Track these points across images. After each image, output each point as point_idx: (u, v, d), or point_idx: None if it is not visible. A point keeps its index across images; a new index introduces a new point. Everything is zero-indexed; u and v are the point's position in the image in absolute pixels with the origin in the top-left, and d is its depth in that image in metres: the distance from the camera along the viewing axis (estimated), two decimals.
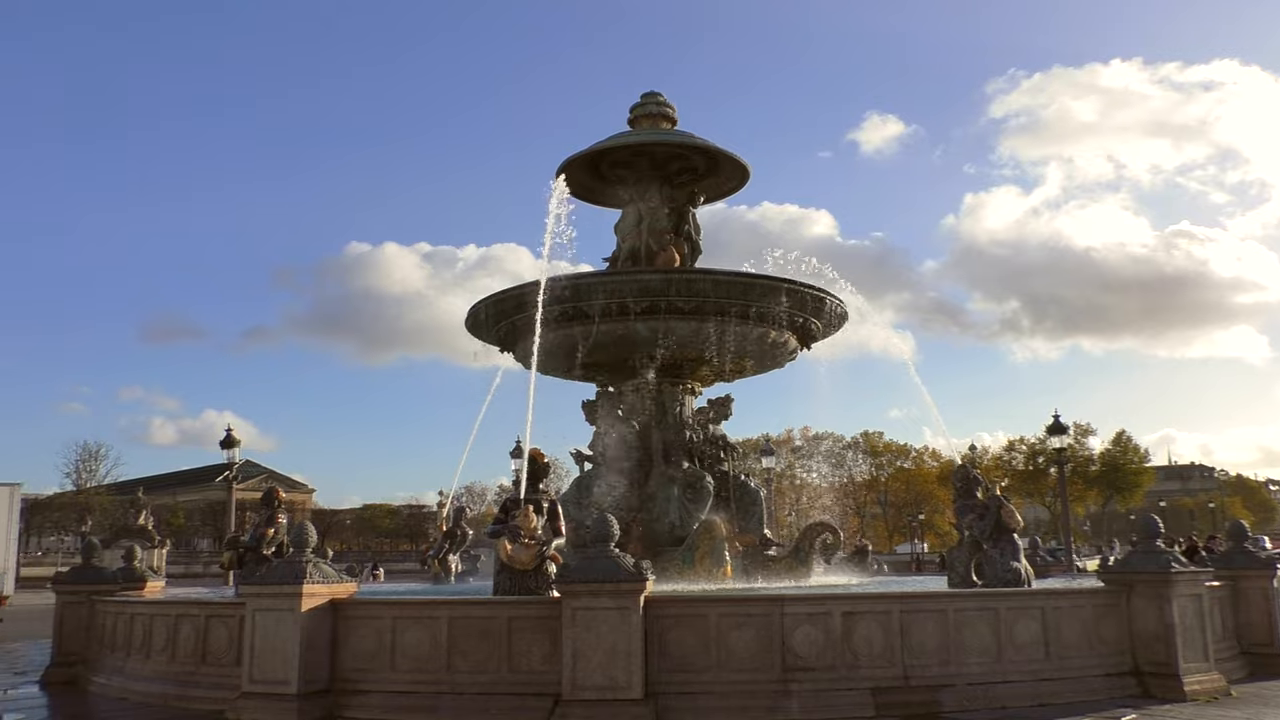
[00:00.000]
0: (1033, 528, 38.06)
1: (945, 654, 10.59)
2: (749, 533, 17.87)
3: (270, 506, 14.58)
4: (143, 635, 12.72)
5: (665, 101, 20.41)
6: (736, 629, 10.28)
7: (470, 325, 19.11)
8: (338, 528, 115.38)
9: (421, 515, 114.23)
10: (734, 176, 20.45)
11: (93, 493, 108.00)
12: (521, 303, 17.15)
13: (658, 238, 19.22)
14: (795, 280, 17.63)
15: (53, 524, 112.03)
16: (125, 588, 14.56)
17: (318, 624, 10.58)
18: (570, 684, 9.74)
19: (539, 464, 12.96)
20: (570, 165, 18.85)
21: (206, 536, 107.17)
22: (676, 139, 19.40)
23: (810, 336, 18.85)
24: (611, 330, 17.08)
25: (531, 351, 15.40)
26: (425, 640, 10.59)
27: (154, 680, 12.23)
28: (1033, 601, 11.46)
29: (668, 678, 10.05)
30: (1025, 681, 10.73)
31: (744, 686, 10.13)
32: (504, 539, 11.92)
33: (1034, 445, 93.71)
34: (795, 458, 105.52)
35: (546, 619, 10.28)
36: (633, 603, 9.86)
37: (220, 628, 11.71)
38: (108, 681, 13.09)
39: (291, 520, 13.90)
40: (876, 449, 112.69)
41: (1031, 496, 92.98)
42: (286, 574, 10.65)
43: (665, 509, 17.33)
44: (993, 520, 13.26)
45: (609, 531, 10.37)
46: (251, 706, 10.33)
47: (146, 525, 42.40)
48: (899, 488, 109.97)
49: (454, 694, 10.30)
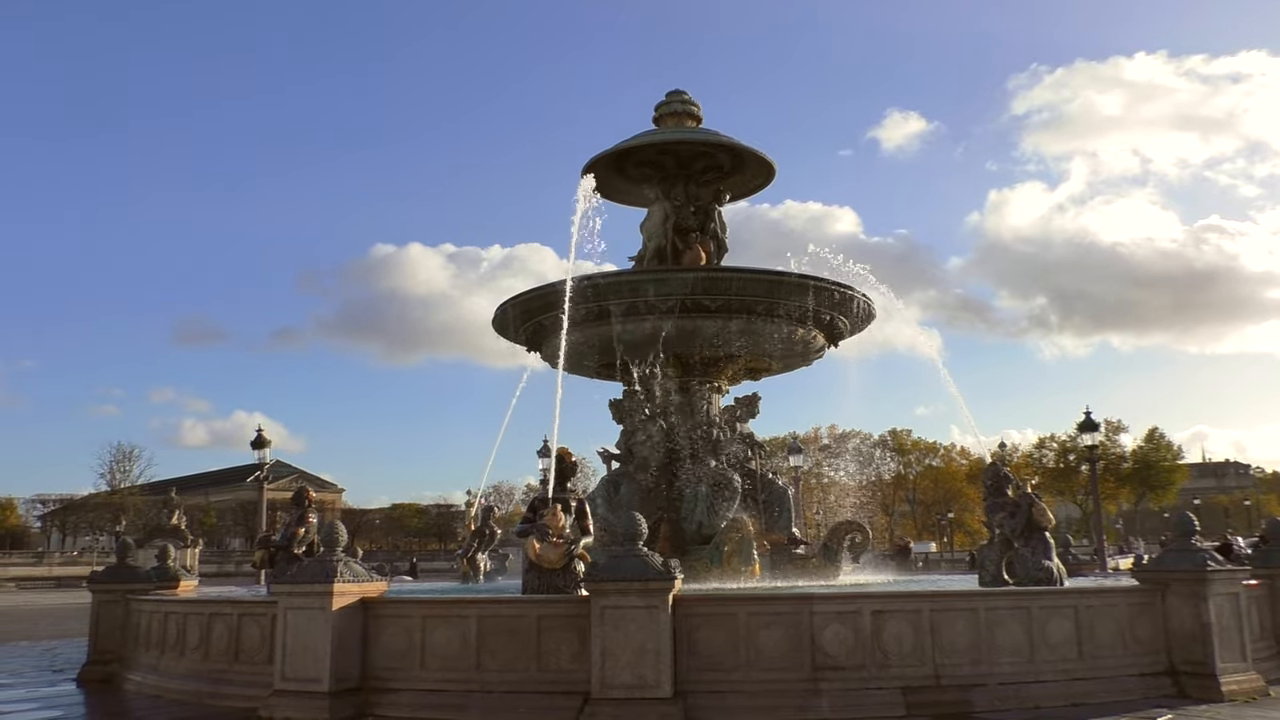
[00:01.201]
0: (1064, 526, 37.63)
1: (977, 653, 10.49)
2: (777, 531, 17.80)
3: (301, 506, 14.71)
4: (177, 633, 12.87)
5: (690, 100, 20.37)
6: (765, 628, 10.24)
7: (497, 325, 19.18)
8: (367, 527, 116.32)
9: (450, 514, 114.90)
10: (759, 174, 20.38)
11: (126, 493, 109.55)
12: (548, 302, 17.19)
13: (683, 236, 19.20)
14: (822, 277, 17.54)
15: (88, 524, 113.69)
16: (159, 587, 14.74)
17: (348, 622, 10.65)
18: (599, 682, 9.74)
19: (567, 463, 12.99)
20: (595, 164, 18.86)
21: (238, 536, 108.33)
22: (701, 137, 19.36)
23: (837, 334, 18.75)
24: (638, 329, 17.08)
25: (558, 351, 15.43)
26: (455, 639, 10.63)
27: (188, 678, 12.37)
28: (1065, 600, 11.33)
29: (697, 677, 10.03)
30: (1058, 681, 10.61)
31: (773, 685, 10.09)
32: (532, 538, 11.95)
33: (1065, 442, 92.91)
34: (823, 456, 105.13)
35: (575, 618, 10.29)
36: (661, 601, 9.85)
37: (253, 626, 11.82)
38: (143, 679, 13.26)
39: (322, 520, 14.02)
40: (904, 447, 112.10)
41: (1062, 494, 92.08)
42: (317, 573, 10.73)
43: (693, 508, 17.30)
44: (1024, 518, 13.15)
45: (637, 530, 10.37)
46: (284, 704, 10.42)
47: (179, 525, 42.99)
48: (928, 486, 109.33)
49: (483, 692, 10.34)
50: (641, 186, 19.94)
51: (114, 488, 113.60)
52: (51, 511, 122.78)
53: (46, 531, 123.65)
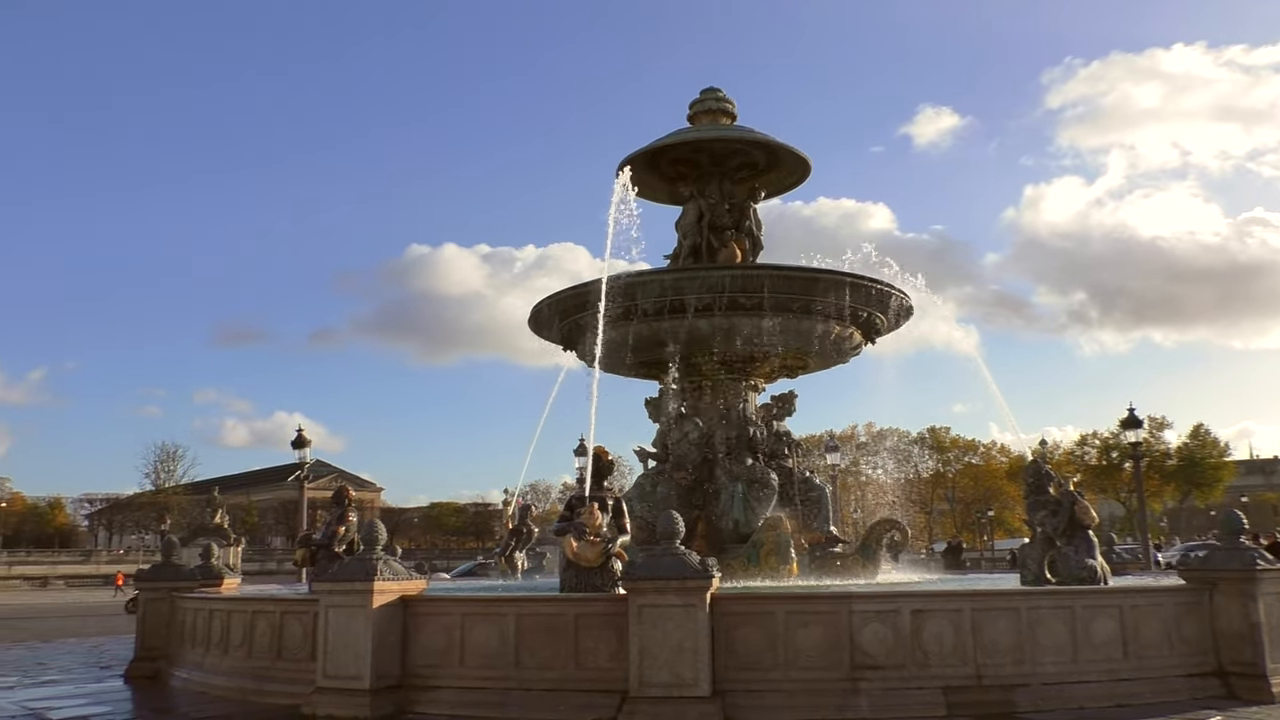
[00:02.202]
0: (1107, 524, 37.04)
1: (1019, 653, 10.36)
2: (814, 530, 17.70)
3: (341, 505, 14.85)
4: (221, 631, 13.06)
5: (725, 97, 20.30)
6: (804, 627, 10.19)
7: (533, 324, 19.24)
8: (406, 526, 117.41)
9: (487, 513, 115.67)
10: (795, 171, 20.28)
11: (170, 492, 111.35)
12: (584, 301, 17.22)
13: (719, 234, 19.16)
14: (858, 274, 17.43)
15: (134, 523, 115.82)
16: (203, 584, 14.98)
17: (389, 620, 10.75)
18: (637, 681, 9.75)
19: (603, 461, 13.00)
20: (630, 163, 18.85)
21: (280, 534, 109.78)
22: (736, 134, 19.30)
23: (874, 331, 18.60)
24: (673, 327, 17.06)
25: (594, 349, 15.45)
26: (493, 637, 10.69)
27: (232, 675, 12.55)
28: (1110, 600, 11.16)
29: (735, 675, 10.01)
30: (1103, 681, 10.46)
31: (812, 684, 10.04)
32: (569, 536, 11.98)
33: (1107, 440, 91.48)
34: (860, 454, 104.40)
35: (613, 616, 10.31)
36: (699, 600, 9.84)
37: (295, 624, 11.97)
38: (188, 676, 13.47)
39: (362, 519, 14.15)
40: (943, 444, 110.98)
41: (1105, 492, 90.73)
42: (358, 571, 10.84)
43: (729, 506, 17.25)
44: (1066, 516, 12.97)
45: (674, 529, 10.35)
46: (326, 701, 10.54)
47: (223, 524, 43.61)
48: (967, 484, 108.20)
49: (522, 690, 10.39)
50: (676, 185, 19.91)
51: (158, 487, 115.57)
52: (98, 510, 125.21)
53: (94, 530, 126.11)
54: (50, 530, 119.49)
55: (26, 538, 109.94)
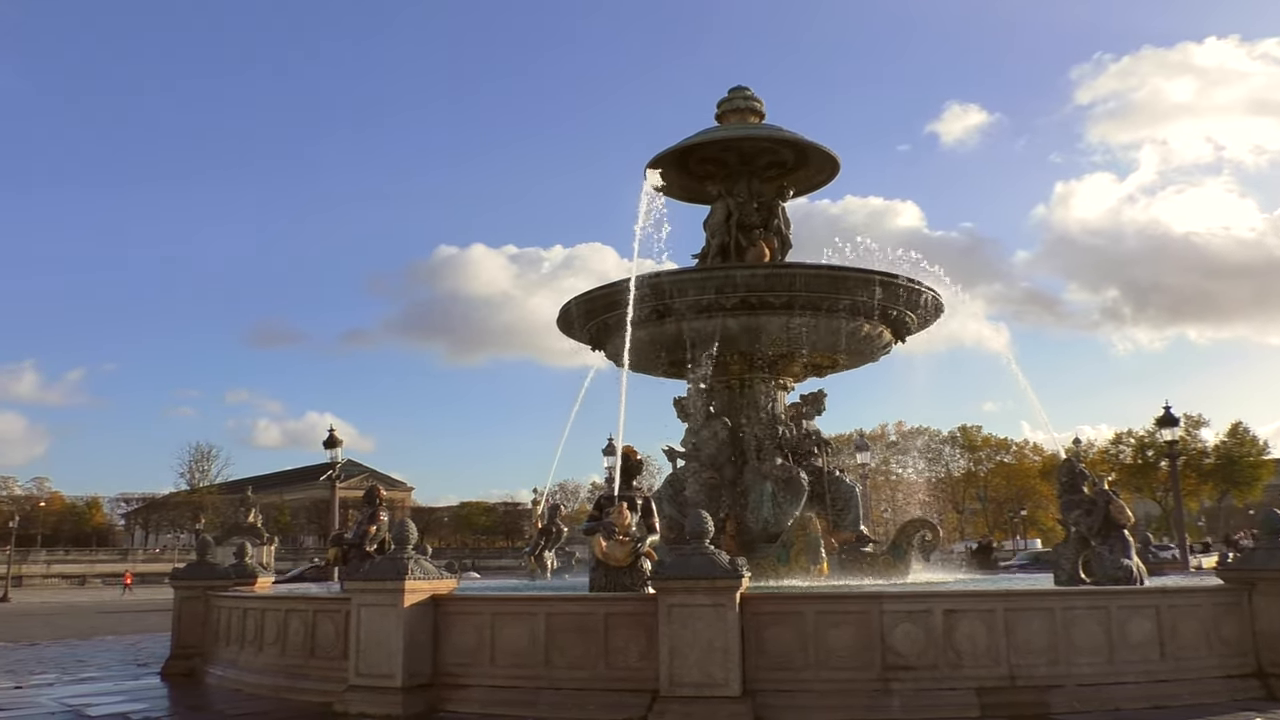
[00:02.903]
0: (1143, 524, 36.60)
1: (1054, 653, 10.24)
2: (845, 529, 17.61)
3: (372, 504, 14.98)
4: (255, 629, 13.20)
5: (753, 96, 20.24)
6: (834, 627, 10.14)
7: (562, 324, 19.28)
8: (436, 525, 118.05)
9: (517, 513, 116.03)
10: (823, 169, 20.18)
11: (205, 492, 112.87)
12: (612, 301, 17.23)
13: (747, 233, 19.11)
14: (888, 272, 17.31)
15: (169, 522, 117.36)
16: (238, 583, 15.13)
17: (420, 619, 10.81)
18: (667, 680, 9.74)
19: (632, 461, 13.01)
20: (658, 162, 18.85)
21: (312, 533, 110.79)
22: (764, 133, 19.23)
23: (904, 329, 18.48)
24: (702, 327, 17.03)
25: (623, 349, 15.45)
26: (524, 636, 10.72)
27: (265, 673, 12.68)
28: (1146, 600, 11.00)
29: (765, 675, 9.98)
30: (1140, 683, 10.31)
31: (843, 685, 9.99)
32: (599, 536, 12.00)
33: (1143, 438, 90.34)
34: (890, 453, 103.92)
35: (642, 615, 10.30)
36: (728, 599, 9.81)
37: (327, 622, 12.06)
38: (223, 674, 13.63)
39: (392, 518, 14.25)
40: (974, 443, 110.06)
41: (1141, 491, 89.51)
42: (389, 570, 10.91)
43: (759, 506, 17.21)
44: (1101, 516, 12.81)
45: (704, 528, 10.33)
46: (358, 699, 10.62)
47: (256, 523, 44.18)
48: (999, 483, 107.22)
49: (553, 689, 10.41)
50: (704, 184, 19.88)
51: (193, 486, 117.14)
52: (135, 510, 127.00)
53: (130, 529, 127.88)
54: (88, 529, 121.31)
55: (65, 537, 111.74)
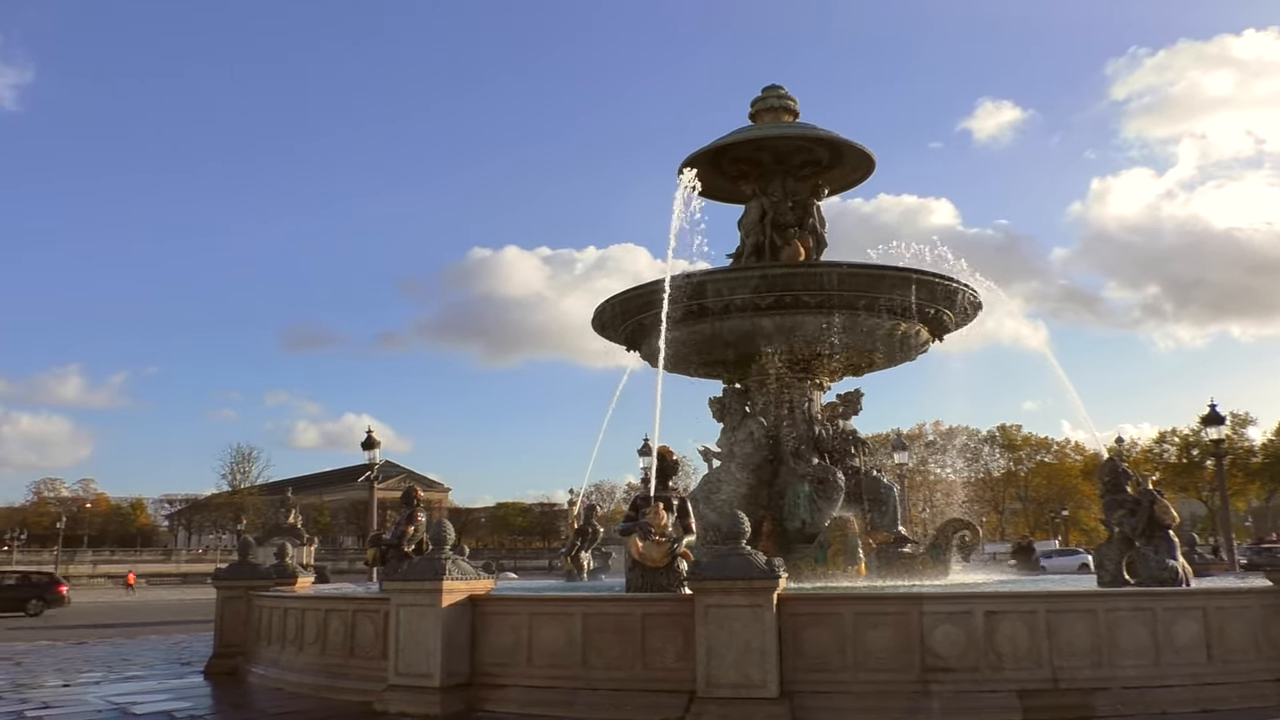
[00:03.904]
0: (1188, 524, 35.83)
1: (1097, 656, 10.08)
2: (882, 530, 17.45)
3: (410, 505, 15.09)
4: (295, 629, 13.35)
5: (786, 94, 20.12)
6: (873, 628, 10.06)
7: (596, 324, 19.29)
8: (473, 526, 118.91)
9: (553, 513, 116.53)
10: (859, 167, 20.03)
11: (246, 493, 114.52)
12: (647, 301, 17.21)
13: (782, 232, 18.99)
14: (925, 270, 17.14)
15: (211, 522, 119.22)
16: (279, 583, 15.31)
17: (457, 619, 10.87)
18: (705, 681, 9.71)
19: (668, 461, 12.99)
20: (692, 162, 18.79)
21: (351, 534, 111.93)
22: (798, 131, 19.12)
23: (942, 328, 18.29)
24: (737, 326, 16.97)
25: (658, 349, 15.43)
26: (560, 636, 10.74)
27: (306, 672, 12.82)
28: (1192, 601, 10.81)
29: (803, 677, 9.92)
30: (1186, 686, 10.13)
31: (881, 686, 9.90)
32: (635, 536, 11.99)
33: (1187, 437, 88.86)
34: (929, 453, 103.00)
35: (679, 616, 10.29)
36: (765, 600, 9.77)
37: (366, 622, 12.17)
38: (265, 673, 13.79)
39: (430, 519, 14.34)
40: (1014, 442, 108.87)
41: (1186, 491, 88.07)
42: (427, 570, 10.98)
43: (795, 506, 17.10)
44: (1145, 516, 12.60)
45: (740, 529, 10.30)
46: (397, 698, 10.71)
47: (296, 523, 44.62)
48: (1040, 483, 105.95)
49: (589, 689, 10.42)
50: (738, 183, 19.80)
51: (234, 488, 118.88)
52: (177, 511, 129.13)
53: (173, 530, 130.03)
54: (133, 530, 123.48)
55: (111, 537, 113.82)
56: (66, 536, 78.04)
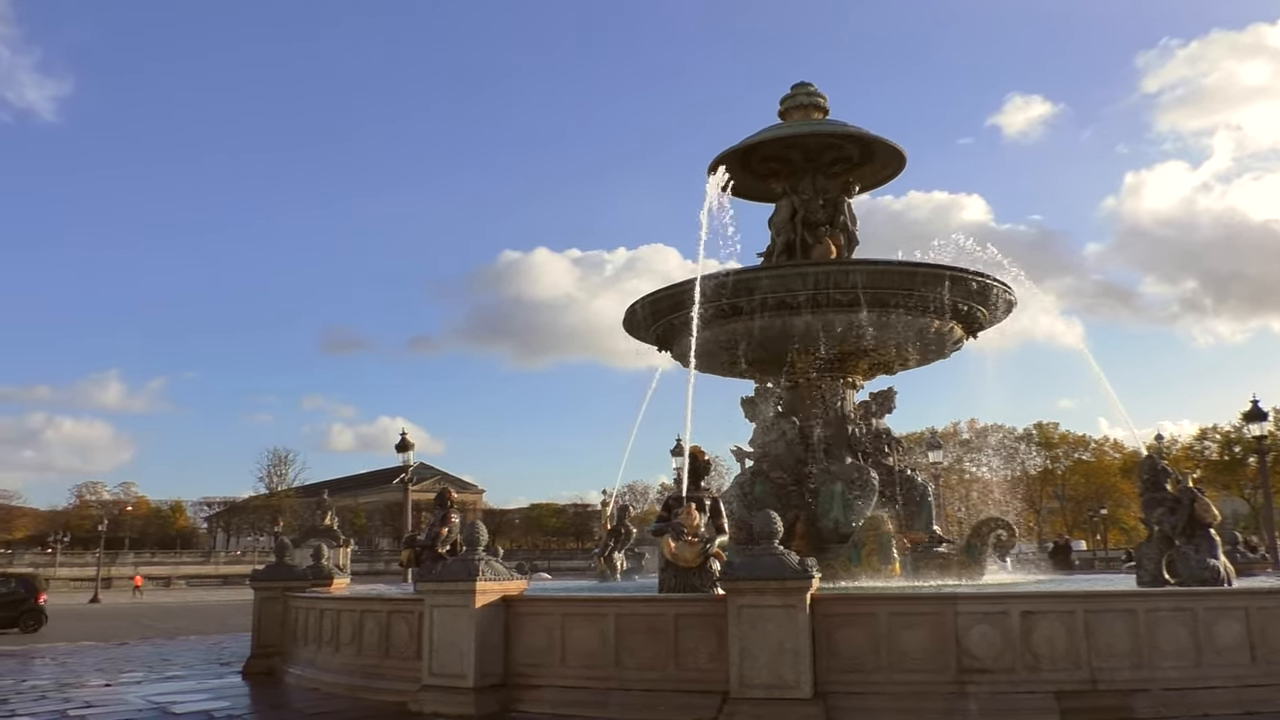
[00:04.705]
0: (1230, 522, 35.08)
1: (1137, 657, 9.93)
2: (917, 529, 17.31)
3: (444, 507, 15.19)
4: (331, 629, 13.47)
5: (816, 91, 20.02)
6: (907, 628, 9.98)
7: (627, 325, 19.29)
8: (507, 527, 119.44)
9: (587, 514, 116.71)
10: (889, 164, 19.87)
11: (283, 495, 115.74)
12: (677, 301, 17.18)
13: (812, 230, 18.89)
14: (958, 267, 16.97)
15: (249, 524, 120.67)
16: (315, 584, 15.46)
17: (491, 620, 10.92)
18: (738, 682, 9.68)
19: (700, 461, 12.97)
20: (722, 161, 18.75)
21: (386, 535, 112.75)
22: (828, 128, 19.01)
23: (976, 325, 18.09)
24: (769, 326, 16.89)
25: (689, 349, 15.41)
26: (593, 637, 10.76)
27: (342, 672, 12.94)
28: (1234, 601, 10.60)
29: (837, 677, 9.86)
30: (1229, 687, 9.94)
31: (916, 688, 9.82)
32: (668, 536, 11.98)
33: (1229, 433, 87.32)
34: (964, 451, 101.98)
35: (712, 616, 10.27)
36: (799, 600, 9.72)
37: (401, 623, 12.26)
38: (301, 673, 13.93)
39: (464, 520, 14.42)
40: (1051, 440, 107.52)
41: (1228, 489, 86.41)
42: (460, 571, 11.04)
43: (829, 506, 17.00)
44: (1185, 514, 12.38)
45: (773, 529, 10.26)
46: (431, 699, 10.77)
47: (332, 525, 44.94)
48: (1078, 481, 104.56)
49: (623, 690, 10.43)
50: (768, 182, 19.72)
51: (271, 490, 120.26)
52: (216, 513, 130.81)
53: (212, 532, 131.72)
54: (172, 532, 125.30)
55: (151, 540, 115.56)
56: (108, 539, 79.23)
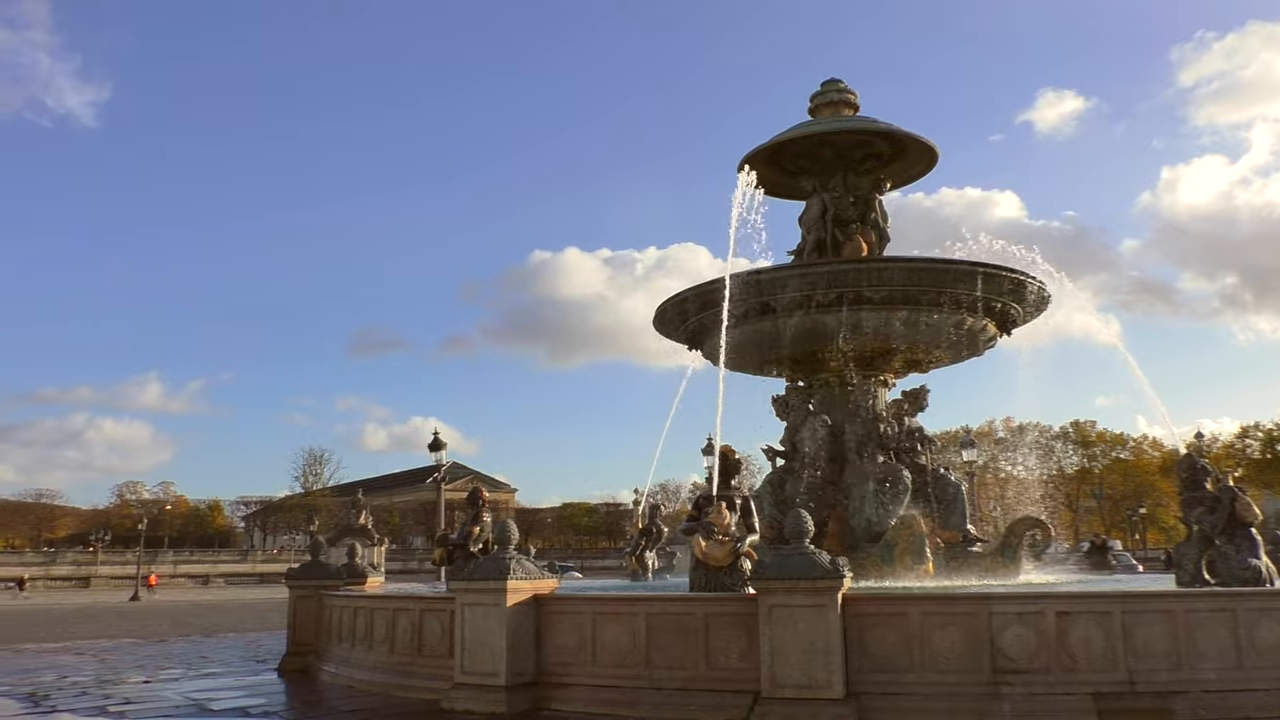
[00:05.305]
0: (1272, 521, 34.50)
1: (1175, 658, 9.78)
2: (950, 528, 17.17)
3: (475, 506, 15.26)
4: (365, 628, 13.58)
5: (846, 88, 19.91)
6: (941, 628, 9.89)
7: (658, 324, 19.29)
8: (539, 526, 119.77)
9: (618, 513, 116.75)
10: (921, 160, 19.72)
11: (318, 495, 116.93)
12: (707, 300, 17.15)
13: (843, 228, 18.79)
14: (991, 263, 16.80)
15: (285, 524, 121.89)
16: (348, 583, 15.59)
17: (522, 618, 10.96)
18: (769, 681, 9.65)
19: (730, 460, 12.93)
20: (751, 160, 18.69)
21: (420, 534, 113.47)
22: (858, 125, 18.90)
23: (1010, 322, 17.91)
24: (800, 324, 16.81)
25: (719, 348, 15.37)
26: (624, 636, 10.77)
27: (375, 670, 13.05)
28: (1276, 602, 10.38)
29: (869, 678, 9.80)
30: (1271, 690, 9.75)
31: (950, 688, 9.73)
32: (698, 536, 11.96)
33: (1271, 431, 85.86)
34: (998, 450, 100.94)
35: (743, 616, 10.24)
36: (830, 600, 9.67)
37: (434, 621, 12.34)
38: (336, 671, 14.06)
39: (496, 519, 14.48)
40: (1088, 439, 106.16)
41: (1271, 487, 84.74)
42: (491, 570, 11.08)
43: (861, 505, 16.91)
44: (1225, 513, 12.17)
45: (804, 528, 10.21)
46: (464, 696, 10.83)
47: (367, 524, 45.30)
48: (1116, 480, 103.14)
49: (653, 689, 10.43)
50: (798, 179, 19.64)
51: (307, 490, 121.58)
52: (253, 512, 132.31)
53: (249, 531, 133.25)
54: (210, 531, 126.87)
55: (190, 539, 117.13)
56: (147, 538, 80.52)
